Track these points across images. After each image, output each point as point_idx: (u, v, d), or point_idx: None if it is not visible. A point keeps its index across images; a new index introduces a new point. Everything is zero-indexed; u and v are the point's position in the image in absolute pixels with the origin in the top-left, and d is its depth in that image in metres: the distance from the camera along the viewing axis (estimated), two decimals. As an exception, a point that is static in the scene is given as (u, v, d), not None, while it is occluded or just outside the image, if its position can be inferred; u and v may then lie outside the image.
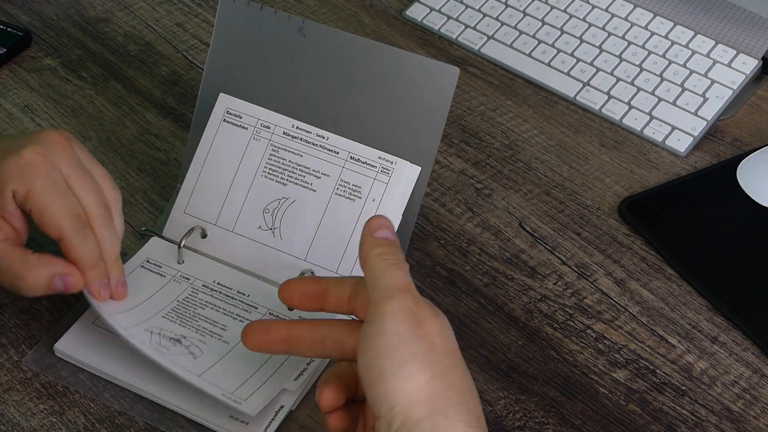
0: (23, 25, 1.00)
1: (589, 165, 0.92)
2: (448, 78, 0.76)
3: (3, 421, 0.70)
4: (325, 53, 0.79)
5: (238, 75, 0.81)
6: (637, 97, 0.97)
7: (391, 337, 0.58)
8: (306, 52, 0.80)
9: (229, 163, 0.79)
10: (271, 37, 0.80)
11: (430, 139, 0.77)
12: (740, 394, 0.75)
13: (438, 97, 0.77)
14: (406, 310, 0.59)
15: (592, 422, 0.73)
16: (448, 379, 0.58)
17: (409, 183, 0.77)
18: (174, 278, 0.77)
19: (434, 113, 0.77)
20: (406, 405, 0.57)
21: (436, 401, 0.57)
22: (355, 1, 1.07)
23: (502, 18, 1.04)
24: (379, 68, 0.78)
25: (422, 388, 0.57)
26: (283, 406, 0.70)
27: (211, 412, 0.69)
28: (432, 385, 0.57)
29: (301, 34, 0.80)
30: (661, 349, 0.78)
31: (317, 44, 0.79)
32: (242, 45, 0.81)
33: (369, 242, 0.63)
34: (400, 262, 0.62)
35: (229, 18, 0.81)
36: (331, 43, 0.79)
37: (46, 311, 0.76)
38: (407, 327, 0.58)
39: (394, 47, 0.79)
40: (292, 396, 0.70)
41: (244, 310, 0.75)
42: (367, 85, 0.79)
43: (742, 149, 0.94)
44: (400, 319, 0.59)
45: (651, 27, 1.02)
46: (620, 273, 0.83)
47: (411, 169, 0.77)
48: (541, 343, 0.78)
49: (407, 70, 0.78)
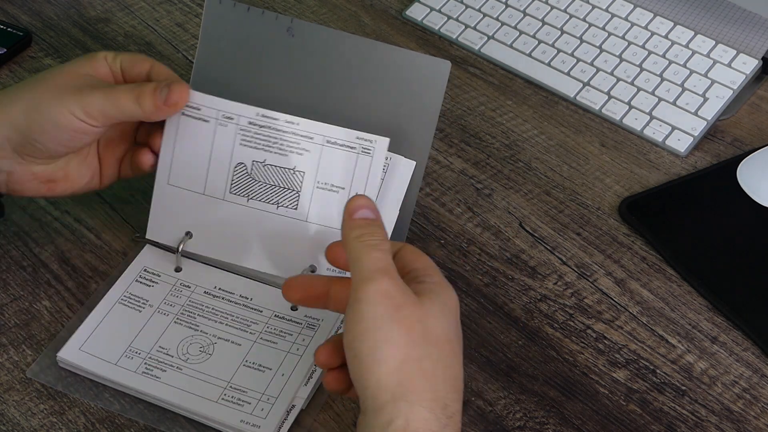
0: (23, 25, 1.00)
1: (589, 165, 0.92)
2: (439, 72, 0.76)
3: (3, 421, 0.70)
4: (315, 52, 0.79)
5: (227, 76, 0.80)
6: (637, 97, 0.97)
7: (367, 322, 0.59)
8: (295, 52, 0.79)
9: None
10: (259, 37, 0.79)
11: (424, 133, 0.77)
12: (740, 394, 0.75)
13: (430, 91, 0.77)
14: (383, 294, 0.60)
15: (592, 422, 0.73)
16: (419, 365, 0.59)
17: (404, 178, 0.77)
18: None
19: (427, 108, 0.77)
20: (374, 389, 0.58)
21: (402, 386, 0.58)
22: (355, 1, 1.07)
23: (502, 18, 1.04)
24: (370, 64, 0.78)
25: (391, 372, 0.58)
26: (294, 406, 0.70)
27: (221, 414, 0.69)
28: (402, 370, 0.58)
29: (289, 33, 0.79)
30: (661, 349, 0.78)
31: (306, 43, 0.79)
32: (230, 46, 0.80)
33: (348, 224, 0.64)
34: (380, 241, 0.63)
35: (215, 19, 0.80)
36: (321, 41, 0.79)
37: (46, 311, 0.76)
38: (383, 312, 0.59)
39: (384, 43, 0.79)
40: (305, 395, 0.71)
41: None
42: (358, 82, 0.78)
43: (742, 149, 0.94)
44: (375, 303, 0.60)
45: (651, 27, 1.02)
46: (620, 273, 0.83)
47: (406, 164, 0.77)
48: (541, 343, 0.78)
49: (398, 65, 0.77)
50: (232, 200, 0.77)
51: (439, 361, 0.60)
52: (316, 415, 0.71)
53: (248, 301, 0.76)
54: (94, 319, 0.74)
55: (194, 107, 0.76)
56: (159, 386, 0.70)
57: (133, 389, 0.71)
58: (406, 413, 0.58)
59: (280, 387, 0.71)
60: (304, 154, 0.76)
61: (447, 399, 0.59)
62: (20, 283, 0.78)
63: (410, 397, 0.58)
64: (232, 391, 0.70)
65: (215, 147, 0.76)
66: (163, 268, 0.78)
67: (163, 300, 0.76)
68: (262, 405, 0.69)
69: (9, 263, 0.80)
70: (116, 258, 0.80)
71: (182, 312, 0.75)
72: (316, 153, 0.75)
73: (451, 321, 0.63)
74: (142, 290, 0.76)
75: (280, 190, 0.76)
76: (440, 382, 0.60)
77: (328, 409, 0.72)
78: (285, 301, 0.68)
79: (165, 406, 0.70)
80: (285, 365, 0.72)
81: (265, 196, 0.76)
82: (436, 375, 0.60)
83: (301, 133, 0.75)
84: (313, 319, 0.75)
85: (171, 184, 0.77)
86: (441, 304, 0.62)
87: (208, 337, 0.74)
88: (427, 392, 0.59)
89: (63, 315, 0.76)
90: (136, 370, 0.71)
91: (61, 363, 0.72)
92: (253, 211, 0.76)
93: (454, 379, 0.61)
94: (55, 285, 0.78)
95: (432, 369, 0.59)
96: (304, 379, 0.71)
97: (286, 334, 0.74)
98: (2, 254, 0.80)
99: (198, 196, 0.77)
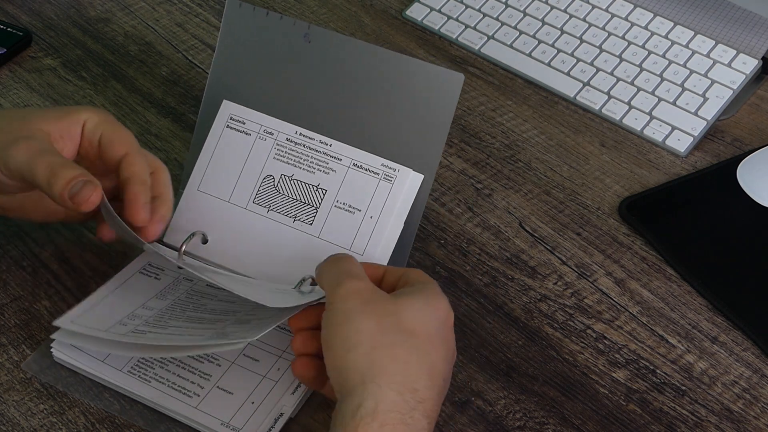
0: (23, 25, 1.00)
1: (589, 165, 0.92)
2: (452, 84, 0.76)
3: (3, 421, 0.70)
4: (330, 59, 0.79)
5: (243, 81, 0.81)
6: (637, 97, 0.97)
7: (339, 316, 0.63)
8: (311, 58, 0.80)
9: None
10: (276, 42, 0.80)
11: (434, 146, 0.77)
12: (740, 394, 0.75)
13: (442, 103, 0.77)
14: (352, 292, 0.64)
15: (592, 422, 0.73)
16: (390, 351, 0.61)
17: (411, 191, 0.77)
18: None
19: (438, 120, 0.77)
20: (345, 373, 0.61)
21: (372, 369, 0.60)
22: (355, 1, 1.07)
23: (502, 18, 1.04)
24: (383, 74, 0.78)
25: (361, 357, 0.61)
26: (282, 414, 0.70)
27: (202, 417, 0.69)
28: (372, 355, 0.61)
29: (306, 39, 0.80)
30: (661, 349, 0.78)
31: (322, 50, 0.79)
32: (247, 51, 0.81)
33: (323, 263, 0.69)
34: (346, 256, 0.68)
35: (235, 23, 0.81)
36: (336, 48, 0.79)
37: (46, 311, 0.76)
38: (352, 306, 0.63)
39: (399, 53, 0.79)
40: (291, 404, 0.70)
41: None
42: (371, 91, 0.79)
43: (742, 149, 0.94)
44: (345, 300, 0.63)
45: (651, 27, 1.02)
46: (620, 273, 0.83)
47: (414, 177, 0.77)
48: (541, 343, 0.78)
49: (412, 76, 0.78)
50: (252, 209, 0.78)
51: (414, 348, 0.62)
52: (315, 414, 0.71)
53: None
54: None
55: (239, 121, 0.79)
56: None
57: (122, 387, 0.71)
58: (375, 395, 0.59)
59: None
60: (330, 174, 0.78)
61: (418, 384, 0.61)
62: (20, 283, 0.78)
63: (379, 380, 0.60)
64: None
65: (250, 159, 0.79)
66: (166, 264, 0.78)
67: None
68: (244, 409, 0.69)
69: (9, 263, 0.80)
70: (116, 258, 0.80)
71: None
72: (342, 173, 0.77)
73: (432, 319, 0.64)
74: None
75: (300, 204, 0.78)
76: (413, 368, 0.61)
77: (327, 408, 0.72)
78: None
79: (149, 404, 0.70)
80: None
81: (285, 209, 0.78)
82: (409, 362, 0.61)
83: (331, 154, 0.78)
84: None
85: (200, 190, 0.79)
86: (421, 303, 0.64)
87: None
88: (397, 375, 0.60)
89: (63, 315, 0.76)
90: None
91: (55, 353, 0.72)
92: (271, 222, 0.78)
93: (431, 368, 0.62)
94: (55, 285, 0.78)
95: (405, 355, 0.61)
96: (291, 386, 0.71)
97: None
98: (2, 254, 0.80)
99: (222, 203, 0.79)
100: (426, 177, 0.77)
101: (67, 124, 0.73)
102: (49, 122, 0.72)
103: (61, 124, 0.72)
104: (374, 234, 0.76)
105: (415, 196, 0.77)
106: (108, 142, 0.73)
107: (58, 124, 0.72)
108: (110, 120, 0.74)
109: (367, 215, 0.77)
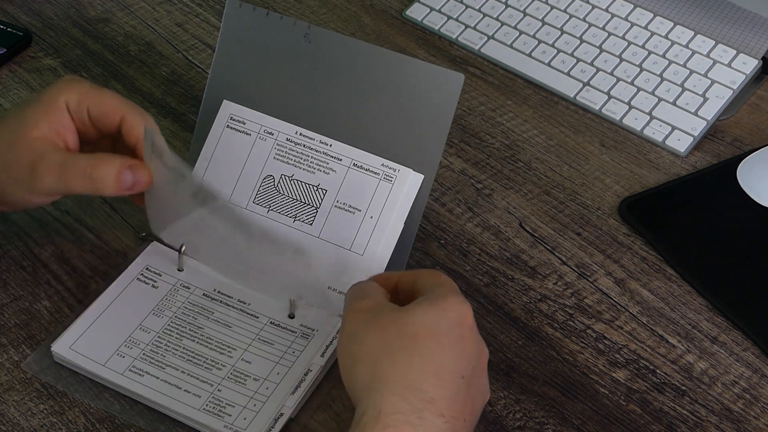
0: (23, 25, 1.00)
1: (589, 165, 0.92)
2: (452, 84, 0.76)
3: (3, 421, 0.70)
4: (330, 59, 0.79)
5: (243, 81, 0.81)
6: (637, 97, 0.97)
7: (345, 337, 0.64)
8: (311, 58, 0.80)
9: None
10: (276, 42, 0.80)
11: (434, 146, 0.77)
12: (740, 394, 0.76)
13: (442, 103, 0.77)
14: (361, 310, 0.65)
15: (592, 422, 0.73)
16: (392, 358, 0.61)
17: (411, 191, 0.77)
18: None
19: (438, 120, 0.77)
20: (354, 388, 0.62)
21: (375, 379, 0.61)
22: (355, 1, 1.07)
23: (502, 18, 1.04)
24: (383, 74, 0.78)
25: (366, 369, 0.62)
26: (282, 414, 0.70)
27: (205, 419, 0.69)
28: (375, 364, 0.61)
29: (306, 39, 0.80)
30: (661, 349, 0.78)
31: (322, 50, 0.79)
32: (247, 51, 0.81)
33: None
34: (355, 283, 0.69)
35: (235, 23, 0.81)
36: (337, 48, 0.79)
37: (46, 311, 0.76)
38: (360, 323, 0.64)
39: (399, 53, 0.79)
40: (291, 404, 0.70)
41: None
42: (371, 91, 0.79)
43: (742, 149, 0.94)
44: (353, 321, 0.64)
45: (651, 27, 1.02)
46: (620, 273, 0.83)
47: (414, 177, 0.77)
48: (541, 343, 0.78)
49: (412, 76, 0.78)
50: (253, 209, 0.78)
51: (417, 351, 0.61)
52: (315, 414, 0.71)
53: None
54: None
55: (239, 121, 0.79)
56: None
57: (122, 387, 0.71)
58: (377, 402, 0.59)
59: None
60: (330, 174, 0.78)
61: (423, 385, 0.60)
62: (20, 283, 0.78)
63: (381, 387, 0.60)
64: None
65: (250, 159, 0.79)
66: (166, 267, 0.78)
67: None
68: (246, 413, 0.69)
69: (9, 263, 0.80)
70: (116, 258, 0.80)
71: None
72: (342, 173, 0.78)
73: (439, 320, 0.63)
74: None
75: (300, 204, 0.78)
76: (416, 370, 0.61)
77: (327, 408, 0.72)
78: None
79: (150, 405, 0.70)
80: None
81: (285, 209, 0.78)
82: (411, 365, 0.61)
83: (331, 154, 0.78)
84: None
85: None
86: (426, 306, 0.63)
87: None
88: (399, 378, 0.60)
89: (63, 315, 0.76)
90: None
91: (56, 358, 0.72)
92: (271, 222, 0.78)
93: (437, 368, 0.61)
94: (55, 285, 0.78)
95: (407, 359, 0.61)
96: (292, 387, 0.71)
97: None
98: (2, 254, 0.80)
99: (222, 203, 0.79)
100: (426, 177, 0.77)
101: (54, 117, 0.72)
102: (39, 126, 0.71)
103: (49, 120, 0.72)
104: (374, 234, 0.76)
105: (415, 196, 0.77)
106: (98, 114, 0.73)
107: (47, 121, 0.72)
108: (87, 89, 0.73)
109: (368, 215, 0.77)
